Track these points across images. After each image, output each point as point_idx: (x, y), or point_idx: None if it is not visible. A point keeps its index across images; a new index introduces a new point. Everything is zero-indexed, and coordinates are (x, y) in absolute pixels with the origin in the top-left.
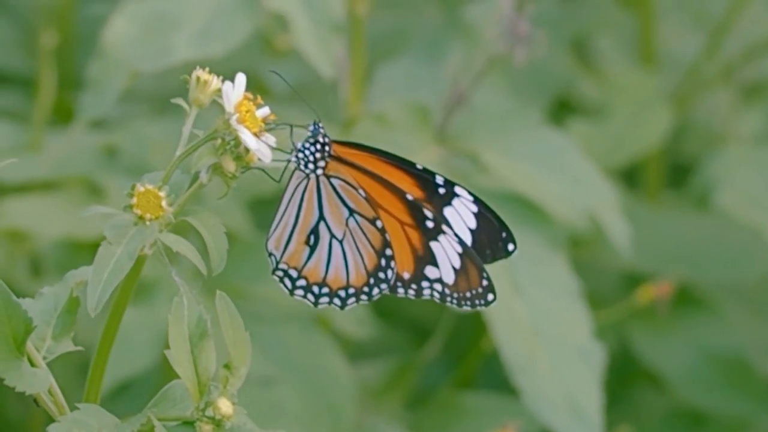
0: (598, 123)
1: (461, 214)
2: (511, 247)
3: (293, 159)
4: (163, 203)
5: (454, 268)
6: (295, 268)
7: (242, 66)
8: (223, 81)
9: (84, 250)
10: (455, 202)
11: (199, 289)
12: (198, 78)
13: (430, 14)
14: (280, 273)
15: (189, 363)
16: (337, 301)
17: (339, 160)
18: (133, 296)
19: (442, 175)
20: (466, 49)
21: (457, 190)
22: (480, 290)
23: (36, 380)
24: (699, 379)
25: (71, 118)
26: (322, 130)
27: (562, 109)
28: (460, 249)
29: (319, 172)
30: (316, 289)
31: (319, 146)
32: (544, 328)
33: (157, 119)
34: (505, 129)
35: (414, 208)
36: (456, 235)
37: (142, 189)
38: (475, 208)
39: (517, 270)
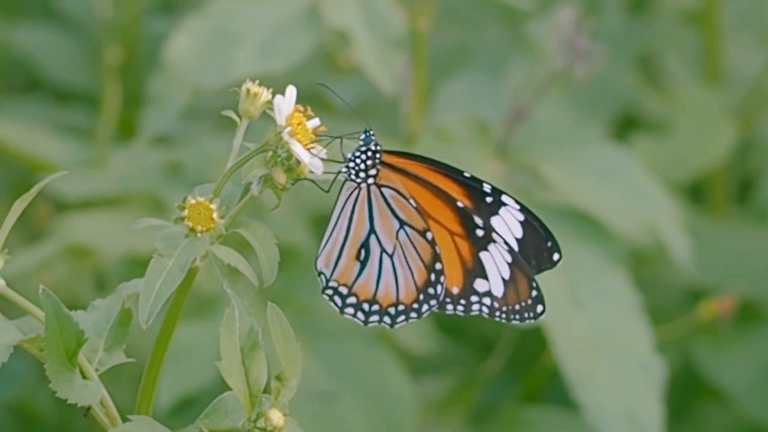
0: (663, 139)
1: (508, 224)
2: (556, 257)
3: (344, 170)
4: (214, 215)
5: (503, 279)
6: (345, 285)
7: (304, 82)
8: (274, 94)
9: (147, 265)
10: (502, 211)
11: (254, 300)
12: (248, 90)
13: (492, 31)
14: (330, 291)
15: (240, 374)
16: (387, 319)
17: (390, 167)
18: (193, 312)
19: (489, 183)
20: (527, 65)
21: (504, 198)
22: (529, 302)
23: (87, 392)
24: (762, 393)
25: (135, 135)
26: (373, 138)
27: (628, 126)
28: (509, 258)
29: (371, 181)
30: (366, 306)
31: (370, 154)
32: (604, 342)
33: (219, 135)
34: (566, 144)
35: (464, 217)
36: (505, 242)
37: (193, 201)
38: (521, 217)
39: (577, 285)
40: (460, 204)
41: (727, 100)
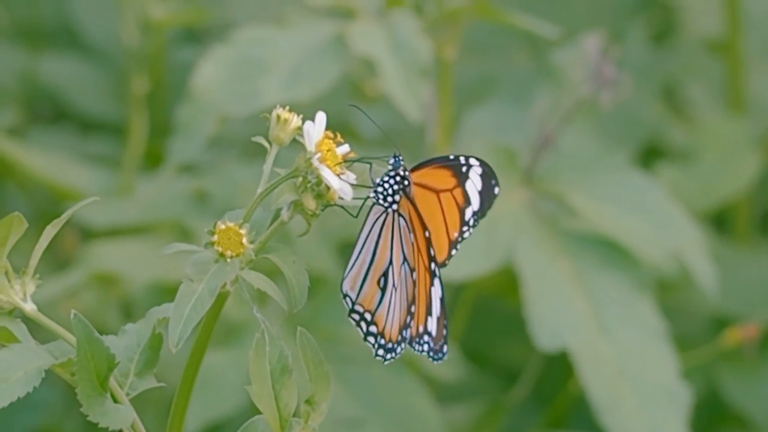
0: (687, 168)
1: (474, 182)
2: (497, 190)
3: (372, 195)
4: (244, 240)
5: (479, 192)
6: (369, 312)
7: (331, 111)
8: (304, 120)
9: (174, 293)
10: (471, 173)
11: (281, 326)
12: (278, 116)
13: (518, 59)
14: (357, 316)
15: (270, 398)
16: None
17: (408, 198)
18: (222, 339)
19: (462, 156)
20: (553, 93)
21: (471, 161)
22: (441, 343)
23: (119, 416)
24: None
25: (162, 164)
26: (402, 163)
27: (652, 154)
28: (480, 170)
29: (395, 207)
30: (381, 339)
31: (399, 179)
32: (630, 369)
33: (246, 164)
34: (592, 172)
35: (455, 167)
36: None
37: (223, 226)
38: (480, 171)
39: (603, 311)
40: (451, 157)
41: (751, 129)
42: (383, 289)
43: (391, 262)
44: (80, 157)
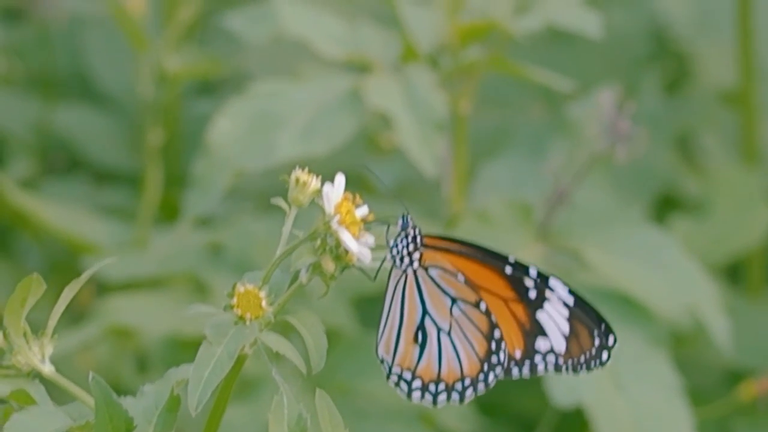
0: (701, 220)
1: (554, 319)
2: (605, 356)
3: (388, 257)
4: (263, 303)
5: (563, 335)
6: (409, 370)
7: (346, 164)
8: (323, 181)
9: (190, 347)
10: (546, 305)
11: (299, 387)
12: (297, 179)
13: (533, 112)
14: (395, 378)
15: None
16: (455, 395)
17: (433, 247)
18: (238, 393)
19: (536, 268)
20: (568, 147)
21: (548, 292)
22: (594, 351)
23: None
24: None
25: (177, 216)
26: (411, 222)
27: (666, 206)
28: (566, 313)
29: (416, 265)
30: (432, 387)
31: (410, 238)
32: (645, 424)
33: (262, 217)
34: (607, 226)
35: (515, 281)
36: (560, 299)
37: (242, 289)
38: (566, 313)
39: (618, 366)
40: (508, 270)
41: (764, 180)
42: (422, 343)
43: (426, 313)
44: (94, 208)
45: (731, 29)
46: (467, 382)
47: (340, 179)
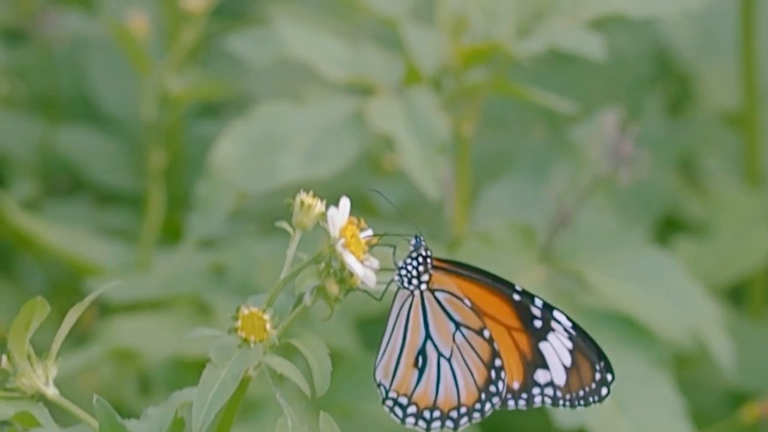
0: (704, 242)
1: (557, 350)
2: (604, 391)
3: (396, 279)
4: (268, 326)
5: (564, 367)
6: (405, 395)
7: (349, 186)
8: (327, 204)
9: (192, 369)
10: (550, 336)
11: (303, 410)
12: (302, 202)
13: (536, 135)
14: (390, 403)
15: None
16: (449, 423)
17: (441, 270)
18: (241, 415)
19: (541, 299)
20: (571, 169)
21: (555, 315)
22: (593, 386)
23: None
24: None
25: (179, 237)
26: (423, 244)
27: (669, 227)
28: (570, 345)
29: (423, 287)
30: (427, 414)
31: (421, 259)
32: None
33: (265, 239)
34: (609, 248)
35: (522, 309)
36: (565, 329)
37: (246, 312)
38: (570, 345)
39: (621, 389)
40: (516, 297)
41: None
42: (422, 368)
43: (429, 338)
44: (97, 229)
45: (734, 51)
46: (463, 410)
47: (345, 203)
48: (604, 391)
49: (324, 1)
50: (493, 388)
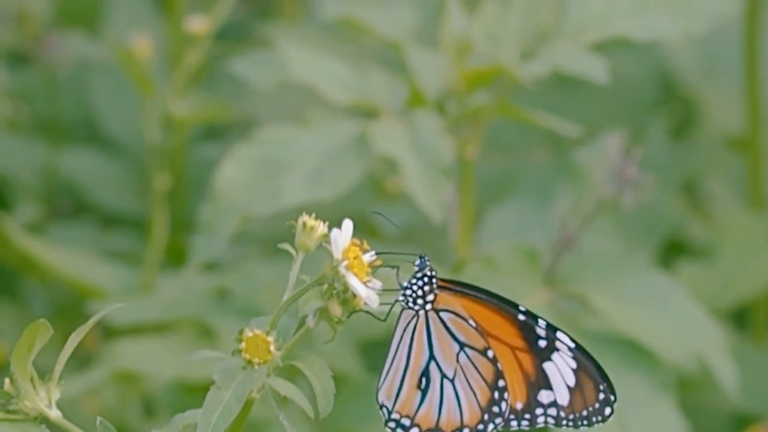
0: (708, 265)
1: (560, 370)
2: (608, 411)
3: (401, 299)
4: (271, 347)
5: (568, 387)
6: (408, 416)
7: (352, 209)
8: (330, 226)
9: (196, 392)
10: (555, 356)
11: (306, 427)
12: (304, 224)
13: (539, 157)
14: (393, 424)
15: None
16: None
17: (447, 290)
18: None
19: (545, 319)
20: (575, 192)
21: (559, 336)
22: (597, 405)
23: None
24: None
25: (183, 260)
26: (428, 264)
27: (673, 251)
28: (574, 365)
29: (428, 307)
30: None
31: (426, 279)
32: None
33: (268, 261)
34: (613, 272)
35: (526, 329)
36: (569, 349)
37: (250, 334)
38: (574, 365)
39: (625, 412)
40: (521, 316)
41: None
42: (425, 389)
43: (432, 358)
44: (100, 252)
45: (738, 75)
46: (466, 431)
47: (348, 224)
48: (607, 410)
49: (329, 24)
50: (496, 409)
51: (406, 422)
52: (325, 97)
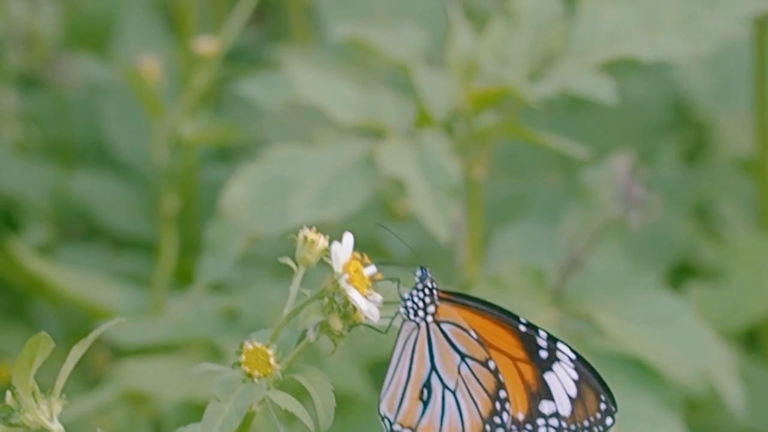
0: (717, 287)
1: (562, 381)
2: (609, 421)
3: (402, 311)
4: (272, 361)
5: (570, 397)
6: (410, 428)
7: (361, 229)
8: (330, 241)
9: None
10: (555, 367)
11: None
12: (305, 237)
13: (547, 178)
14: None
15: None
16: None
17: (447, 301)
18: None
19: (545, 331)
20: (583, 213)
21: (560, 346)
22: (598, 416)
23: None
24: None
25: (191, 281)
26: (429, 275)
27: (683, 273)
28: (576, 375)
29: (429, 319)
30: None
31: (427, 291)
32: None
33: (277, 282)
34: (621, 292)
35: (527, 340)
36: (570, 359)
37: (250, 347)
38: (576, 376)
39: (632, 431)
40: (522, 327)
41: None
42: (426, 400)
43: (434, 370)
44: (111, 274)
45: (749, 98)
46: None
47: (348, 238)
48: (608, 421)
49: (337, 46)
50: (497, 420)
51: None
52: (332, 117)
